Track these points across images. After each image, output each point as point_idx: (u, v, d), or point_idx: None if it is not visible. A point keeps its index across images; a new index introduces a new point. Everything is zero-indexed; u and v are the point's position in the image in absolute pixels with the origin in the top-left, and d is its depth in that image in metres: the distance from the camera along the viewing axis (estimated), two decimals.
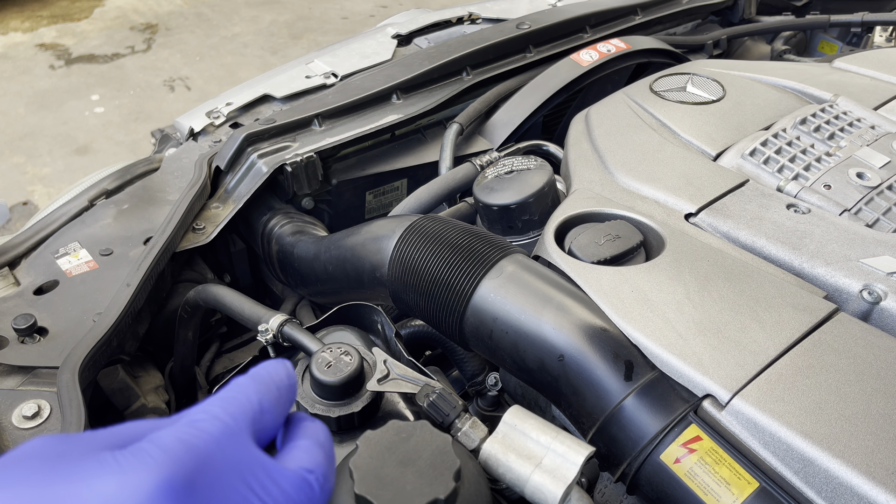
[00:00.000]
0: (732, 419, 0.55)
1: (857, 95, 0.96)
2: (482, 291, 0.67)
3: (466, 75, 1.20)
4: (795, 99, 0.98)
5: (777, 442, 0.53)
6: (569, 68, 1.17)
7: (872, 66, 1.06)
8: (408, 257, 0.73)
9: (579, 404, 0.61)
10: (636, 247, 0.71)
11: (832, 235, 0.72)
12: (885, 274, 0.66)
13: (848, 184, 0.80)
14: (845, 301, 0.67)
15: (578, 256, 0.70)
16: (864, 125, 0.90)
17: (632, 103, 0.99)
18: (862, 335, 0.60)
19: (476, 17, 1.44)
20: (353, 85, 1.15)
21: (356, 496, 0.46)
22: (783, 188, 0.81)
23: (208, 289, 0.82)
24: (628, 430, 0.58)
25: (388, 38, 1.34)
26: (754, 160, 0.84)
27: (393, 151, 1.12)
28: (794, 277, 0.68)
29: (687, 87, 1.01)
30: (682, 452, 0.55)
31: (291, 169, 0.99)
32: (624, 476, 0.58)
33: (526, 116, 1.12)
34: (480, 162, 1.00)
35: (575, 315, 0.63)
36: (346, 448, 0.59)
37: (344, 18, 4.32)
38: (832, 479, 0.50)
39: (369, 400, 0.60)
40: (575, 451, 0.53)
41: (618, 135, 0.92)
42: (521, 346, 0.64)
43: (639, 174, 0.83)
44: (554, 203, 0.86)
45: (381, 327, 0.74)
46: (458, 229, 0.73)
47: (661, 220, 0.75)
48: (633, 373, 0.59)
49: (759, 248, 0.72)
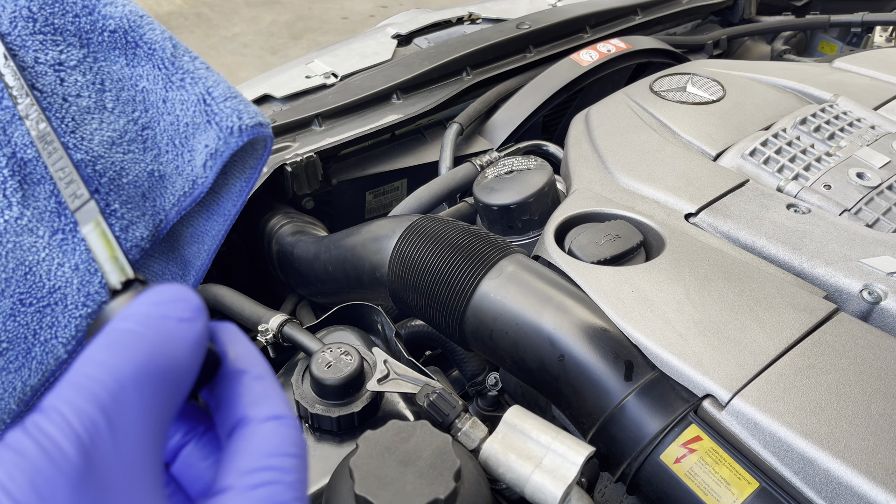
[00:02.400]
0: (732, 419, 0.55)
1: (857, 95, 0.96)
2: (482, 291, 0.67)
3: (466, 75, 1.20)
4: (795, 99, 0.98)
5: (777, 442, 0.53)
6: (569, 68, 1.17)
7: (872, 66, 1.06)
8: (408, 257, 0.73)
9: (579, 404, 0.61)
10: (636, 247, 0.71)
11: (832, 235, 0.72)
12: (886, 274, 0.66)
13: (848, 184, 0.80)
14: (845, 301, 0.67)
15: (578, 256, 0.70)
16: (864, 125, 0.90)
17: (632, 103, 0.99)
18: (862, 335, 0.60)
19: (476, 17, 1.44)
20: (353, 85, 1.15)
21: (356, 496, 0.46)
22: (783, 188, 0.81)
23: (208, 289, 0.82)
24: (628, 430, 0.58)
25: (388, 38, 1.34)
26: (754, 160, 0.84)
27: (393, 151, 1.12)
28: (794, 277, 0.68)
29: (687, 87, 1.01)
30: (683, 452, 0.55)
31: (291, 169, 0.99)
32: (624, 476, 0.58)
33: (526, 116, 1.12)
34: (480, 162, 1.00)
35: (575, 315, 0.63)
36: (346, 448, 0.59)
37: (344, 18, 4.32)
38: (832, 479, 0.50)
39: (369, 400, 0.60)
40: (575, 451, 0.53)
41: (618, 135, 0.92)
42: (521, 346, 0.64)
43: (639, 174, 0.83)
44: (554, 203, 0.86)
45: (381, 327, 0.74)
46: (458, 229, 0.73)
47: (661, 220, 0.75)
48: (633, 373, 0.59)
49: (759, 248, 0.72)
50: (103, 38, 0.43)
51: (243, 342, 0.29)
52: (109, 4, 0.43)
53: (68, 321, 0.39)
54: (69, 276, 0.40)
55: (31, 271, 0.39)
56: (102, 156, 0.41)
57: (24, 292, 0.39)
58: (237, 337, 0.30)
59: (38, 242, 0.39)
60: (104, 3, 0.43)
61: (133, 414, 0.23)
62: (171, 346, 0.25)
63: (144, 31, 0.43)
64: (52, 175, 0.36)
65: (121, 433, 0.22)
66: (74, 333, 0.40)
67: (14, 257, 0.39)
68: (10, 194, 0.39)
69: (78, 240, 0.40)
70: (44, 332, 0.39)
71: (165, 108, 0.43)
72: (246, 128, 0.42)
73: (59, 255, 0.40)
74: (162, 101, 0.43)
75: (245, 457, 0.25)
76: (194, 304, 0.26)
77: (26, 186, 0.40)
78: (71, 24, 0.42)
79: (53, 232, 0.40)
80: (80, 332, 0.40)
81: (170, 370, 0.24)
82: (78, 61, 0.42)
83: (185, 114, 0.43)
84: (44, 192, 0.40)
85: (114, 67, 0.43)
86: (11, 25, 0.41)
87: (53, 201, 0.40)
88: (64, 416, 0.21)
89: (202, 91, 0.42)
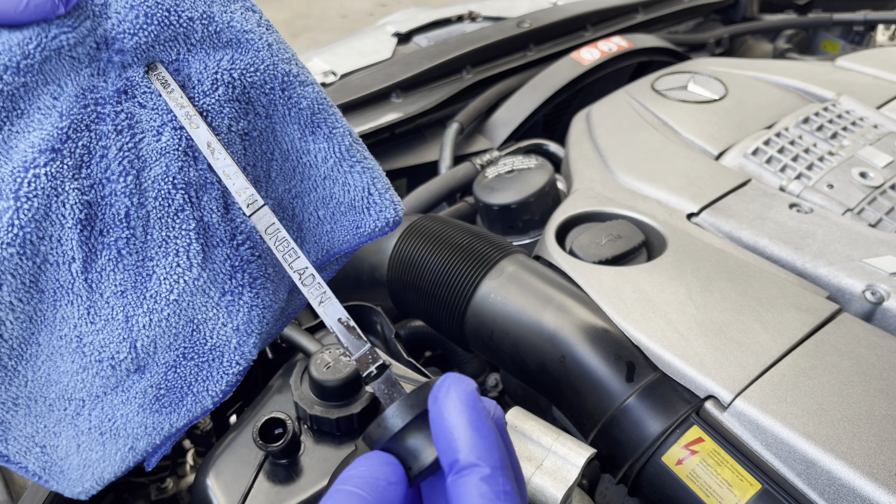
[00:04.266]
0: (735, 420, 0.55)
1: (859, 94, 0.96)
2: (482, 292, 0.67)
3: (466, 74, 1.20)
4: (798, 98, 0.98)
5: (779, 443, 0.53)
6: (570, 67, 1.16)
7: (875, 64, 1.05)
8: (407, 257, 0.72)
9: (580, 405, 0.61)
10: (638, 247, 0.71)
11: (835, 235, 0.71)
12: (888, 274, 0.66)
13: (851, 183, 0.79)
14: (848, 301, 0.66)
15: (580, 256, 0.70)
16: (867, 124, 0.90)
17: (633, 102, 0.98)
18: (865, 336, 0.60)
19: (476, 16, 1.43)
20: (352, 83, 1.15)
21: None
22: (785, 188, 0.81)
23: None
24: (630, 431, 0.57)
25: (387, 37, 1.34)
26: (756, 159, 0.84)
27: (392, 150, 1.12)
28: (796, 278, 0.68)
29: (689, 85, 1.01)
30: (684, 454, 0.55)
31: None
32: (625, 478, 0.58)
33: (527, 115, 1.12)
34: (481, 161, 1.00)
35: (576, 316, 0.63)
36: (345, 449, 0.59)
37: (343, 17, 4.32)
38: (835, 480, 0.50)
39: (368, 401, 0.60)
40: (576, 452, 0.53)
41: (619, 134, 0.91)
42: (521, 347, 0.64)
43: (640, 173, 0.83)
44: (555, 203, 0.85)
45: (380, 328, 0.73)
46: (458, 229, 0.72)
47: (662, 219, 0.75)
48: (634, 374, 0.59)
49: (761, 247, 0.72)
50: (290, 112, 0.45)
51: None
52: (308, 85, 0.46)
53: (220, 377, 0.43)
54: (229, 336, 0.42)
55: (197, 329, 0.42)
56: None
57: (189, 347, 0.42)
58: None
59: (209, 303, 0.42)
60: (301, 82, 0.45)
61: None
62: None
63: (330, 114, 0.46)
64: (268, 244, 0.41)
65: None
66: (224, 388, 0.43)
67: (185, 315, 0.41)
68: (192, 256, 0.41)
69: (243, 302, 0.43)
70: (197, 385, 0.42)
71: (324, 185, 0.47)
72: (399, 219, 0.48)
73: (225, 316, 0.42)
74: (323, 177, 0.47)
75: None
76: (399, 470, 0.34)
77: (207, 249, 0.42)
78: (265, 97, 0.44)
79: (223, 293, 0.42)
80: (229, 387, 0.43)
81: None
82: (259, 132, 0.44)
83: (345, 195, 0.47)
84: (221, 255, 0.42)
85: (286, 139, 0.46)
86: (212, 88, 0.42)
87: (228, 265, 0.43)
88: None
89: (369, 181, 0.47)
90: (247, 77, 0.43)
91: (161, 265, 0.41)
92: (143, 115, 0.40)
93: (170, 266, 0.41)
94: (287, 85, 0.45)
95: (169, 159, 0.40)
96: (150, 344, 0.41)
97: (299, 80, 0.45)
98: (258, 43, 0.44)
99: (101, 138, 0.39)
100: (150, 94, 0.41)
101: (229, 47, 0.43)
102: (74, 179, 0.39)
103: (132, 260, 0.40)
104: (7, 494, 0.71)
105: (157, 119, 0.41)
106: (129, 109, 0.40)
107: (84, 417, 0.41)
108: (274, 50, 0.45)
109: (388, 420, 0.36)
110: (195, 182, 0.41)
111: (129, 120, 0.40)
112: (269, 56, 0.44)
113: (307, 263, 0.40)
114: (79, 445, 0.42)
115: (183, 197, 0.41)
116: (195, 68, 0.42)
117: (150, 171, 0.40)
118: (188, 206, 0.41)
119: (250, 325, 0.43)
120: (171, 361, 0.42)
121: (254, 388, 0.84)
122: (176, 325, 0.41)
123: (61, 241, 0.39)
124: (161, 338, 0.41)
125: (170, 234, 0.41)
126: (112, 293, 0.40)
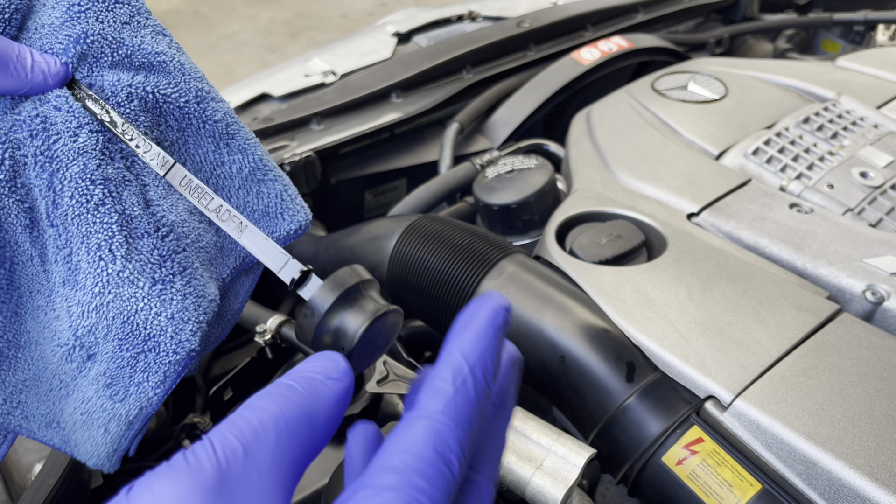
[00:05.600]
0: (735, 420, 0.55)
1: (859, 94, 0.96)
2: (482, 292, 0.66)
3: (466, 74, 1.20)
4: (798, 98, 0.98)
5: (780, 443, 0.53)
6: (570, 67, 1.16)
7: (875, 64, 1.05)
8: (407, 257, 0.72)
9: (580, 406, 0.61)
10: (638, 247, 0.71)
11: (835, 235, 0.71)
12: (889, 274, 0.66)
13: (851, 183, 0.79)
14: (848, 301, 0.66)
15: (580, 256, 0.70)
16: (867, 124, 0.90)
17: (633, 102, 0.98)
18: (865, 336, 0.60)
19: (476, 15, 1.43)
20: (352, 83, 1.15)
21: None
22: (786, 188, 0.80)
23: None
24: (630, 431, 0.57)
25: (387, 37, 1.34)
26: (757, 159, 0.84)
27: (392, 150, 1.12)
28: (796, 278, 0.68)
29: (689, 85, 1.01)
30: (685, 454, 0.55)
31: (290, 168, 0.99)
32: (626, 478, 0.58)
33: (527, 115, 1.12)
34: (481, 161, 0.99)
35: (576, 316, 0.63)
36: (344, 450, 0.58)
37: (343, 16, 4.32)
38: (835, 480, 0.50)
39: (368, 402, 0.60)
40: (576, 452, 0.53)
41: (619, 134, 0.91)
42: (521, 347, 0.64)
43: (640, 173, 0.83)
44: (555, 202, 0.85)
45: None
46: (458, 229, 0.72)
47: (663, 219, 0.75)
48: (634, 374, 0.59)
49: (761, 247, 0.72)
50: (204, 125, 0.48)
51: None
52: (220, 101, 0.49)
53: (158, 367, 0.43)
54: (164, 325, 0.43)
55: (128, 319, 0.43)
56: (186, 220, 0.46)
57: (123, 337, 0.43)
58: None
59: (138, 293, 0.43)
60: (213, 98, 0.49)
61: (269, 448, 0.28)
62: (316, 400, 0.31)
63: (241, 127, 0.50)
64: (184, 194, 0.45)
65: (255, 462, 0.28)
66: (163, 379, 0.44)
67: (114, 306, 0.43)
68: (115, 248, 0.43)
69: (175, 290, 0.44)
70: (137, 376, 0.43)
71: (238, 194, 0.50)
72: (308, 222, 0.51)
73: (158, 305, 0.43)
74: (238, 187, 0.50)
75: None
76: (342, 367, 0.33)
77: (132, 241, 0.44)
78: (178, 111, 0.47)
79: (154, 283, 0.44)
80: (168, 377, 0.44)
81: (310, 417, 0.30)
82: (171, 143, 0.48)
83: (259, 203, 0.50)
84: (147, 245, 0.44)
85: (199, 151, 0.49)
86: (127, 100, 0.45)
87: (156, 254, 0.44)
88: (211, 442, 0.27)
89: (281, 188, 0.50)
90: (160, 91, 0.46)
91: (85, 259, 0.43)
92: (58, 117, 0.43)
93: (93, 259, 0.43)
94: (201, 99, 0.48)
95: (87, 158, 0.43)
96: (87, 333, 0.43)
97: (211, 96, 0.49)
98: (170, 64, 0.47)
99: (20, 147, 0.42)
100: (64, 97, 0.43)
101: (143, 68, 0.46)
102: (12, 193, 0.42)
103: (62, 254, 0.43)
104: (7, 494, 0.71)
105: (74, 121, 0.43)
106: (44, 113, 0.43)
107: (71, 398, 0.45)
108: (186, 69, 0.48)
109: (314, 303, 0.37)
110: (114, 178, 0.44)
111: (44, 123, 0.43)
112: (181, 75, 0.48)
113: (221, 202, 0.44)
114: (74, 422, 0.45)
115: (102, 192, 0.43)
116: (108, 81, 0.45)
117: (68, 171, 0.43)
118: (109, 200, 0.43)
119: (185, 312, 0.44)
120: (110, 351, 0.43)
121: (254, 388, 0.84)
122: (106, 315, 0.43)
123: (19, 243, 0.44)
124: (96, 327, 0.43)
125: (91, 228, 0.43)
126: (58, 283, 0.44)
